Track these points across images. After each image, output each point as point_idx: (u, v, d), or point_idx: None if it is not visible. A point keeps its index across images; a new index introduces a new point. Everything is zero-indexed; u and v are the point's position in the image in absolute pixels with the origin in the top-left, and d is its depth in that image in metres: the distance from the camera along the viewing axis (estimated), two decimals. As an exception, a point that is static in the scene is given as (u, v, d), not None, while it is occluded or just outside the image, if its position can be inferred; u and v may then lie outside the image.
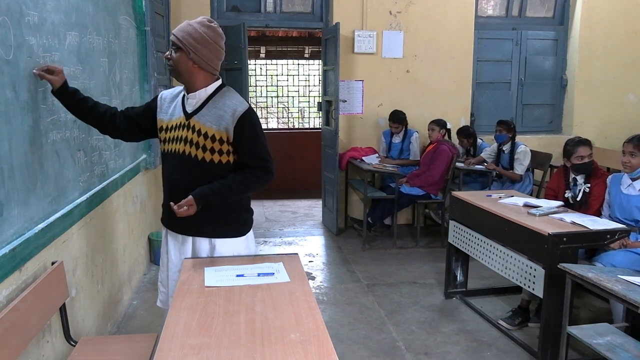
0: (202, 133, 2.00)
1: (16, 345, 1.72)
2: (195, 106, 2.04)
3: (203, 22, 1.99)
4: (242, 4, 5.35)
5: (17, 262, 1.82)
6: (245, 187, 2.04)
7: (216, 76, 2.08)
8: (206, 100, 2.03)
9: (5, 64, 1.77)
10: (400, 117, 5.08)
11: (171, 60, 2.00)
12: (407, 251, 4.73)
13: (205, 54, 1.97)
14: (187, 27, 1.97)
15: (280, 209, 6.45)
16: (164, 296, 2.25)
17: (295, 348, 1.39)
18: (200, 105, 2.03)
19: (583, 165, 3.22)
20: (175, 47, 1.97)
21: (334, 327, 3.20)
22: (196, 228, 2.10)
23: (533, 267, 2.75)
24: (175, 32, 1.97)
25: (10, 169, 1.80)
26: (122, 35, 3.31)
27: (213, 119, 2.00)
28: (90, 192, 2.62)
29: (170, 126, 2.08)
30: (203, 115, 2.01)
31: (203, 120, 2.00)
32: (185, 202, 1.95)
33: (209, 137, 2.00)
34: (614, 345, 2.20)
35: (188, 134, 2.01)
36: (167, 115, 2.10)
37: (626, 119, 5.76)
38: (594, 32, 5.65)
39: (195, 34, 1.95)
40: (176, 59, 1.98)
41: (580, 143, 3.24)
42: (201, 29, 1.96)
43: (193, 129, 2.01)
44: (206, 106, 2.02)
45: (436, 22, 5.33)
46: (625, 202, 2.99)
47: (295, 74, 9.70)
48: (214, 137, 2.00)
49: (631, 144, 2.96)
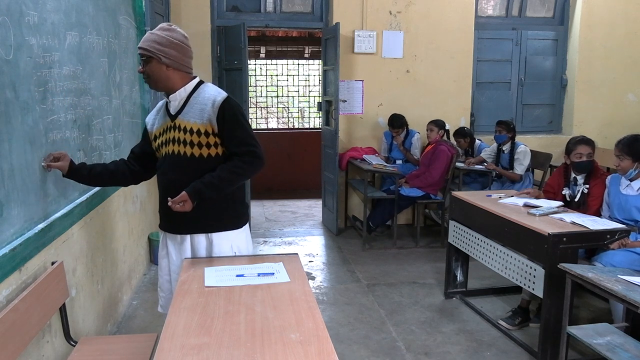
0: (188, 129, 2.04)
1: (16, 345, 1.72)
2: (177, 107, 2.09)
3: (163, 27, 2.05)
4: (242, 4, 5.35)
5: (17, 262, 1.82)
6: (236, 175, 2.05)
7: (191, 75, 2.12)
8: (187, 98, 2.08)
9: (5, 64, 1.77)
10: (400, 121, 5.07)
11: (145, 71, 2.04)
12: (407, 251, 4.73)
13: (175, 54, 2.02)
14: (150, 36, 2.03)
15: (280, 209, 6.45)
16: (164, 301, 2.25)
17: (295, 348, 1.39)
18: (182, 104, 2.08)
19: (582, 163, 3.22)
20: (146, 58, 2.02)
21: (334, 327, 3.20)
22: (192, 225, 2.12)
23: (533, 267, 2.75)
24: (141, 45, 2.02)
25: (10, 169, 1.80)
26: (122, 35, 3.30)
27: (195, 113, 2.05)
28: (90, 192, 2.62)
29: (159, 133, 2.14)
30: (186, 113, 2.07)
31: (187, 118, 2.06)
32: (179, 198, 1.96)
33: (194, 132, 2.04)
34: (614, 345, 2.20)
35: (175, 134, 2.07)
36: (154, 126, 2.18)
37: (626, 119, 5.76)
38: (594, 32, 5.65)
39: (159, 39, 2.00)
40: (149, 68, 2.03)
41: (582, 142, 3.24)
42: (163, 34, 2.01)
43: (179, 128, 2.06)
44: (188, 104, 2.08)
45: (436, 22, 5.33)
46: (624, 202, 2.98)
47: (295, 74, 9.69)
48: (199, 131, 2.04)
49: (617, 148, 2.98)
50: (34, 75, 2.00)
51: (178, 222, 2.10)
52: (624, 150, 2.94)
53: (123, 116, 3.29)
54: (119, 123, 3.21)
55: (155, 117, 2.19)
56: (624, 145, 2.95)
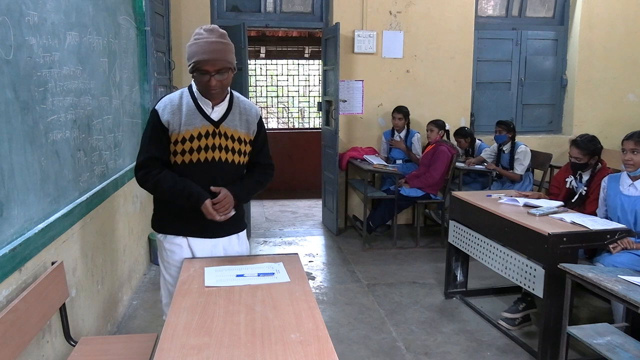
0: (236, 138, 2.08)
1: (16, 345, 1.72)
2: (221, 113, 2.06)
3: (215, 31, 1.94)
4: (242, 4, 5.34)
5: (17, 262, 1.82)
6: (261, 186, 2.20)
7: None
8: (229, 106, 2.08)
9: (5, 64, 1.77)
10: (404, 110, 5.09)
11: (221, 83, 1.95)
12: (407, 251, 4.73)
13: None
14: (223, 46, 1.92)
15: (280, 209, 6.45)
16: None
17: (295, 348, 1.39)
18: (225, 111, 2.07)
19: (576, 165, 3.23)
20: (225, 70, 1.94)
21: (334, 327, 3.20)
22: (231, 226, 2.17)
23: (533, 267, 2.75)
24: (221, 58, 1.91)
25: (10, 169, 1.80)
26: (122, 35, 3.30)
27: (242, 123, 2.09)
28: (90, 192, 2.62)
29: (193, 136, 2.01)
30: (231, 120, 2.07)
31: (233, 126, 2.07)
32: (229, 205, 2.02)
33: (242, 141, 2.10)
34: (614, 345, 2.20)
35: (221, 141, 2.05)
36: (184, 126, 2.00)
37: (626, 119, 5.75)
38: (594, 32, 5.65)
39: (231, 48, 1.96)
40: (227, 79, 1.98)
41: (573, 143, 3.23)
42: (226, 40, 1.95)
43: (225, 135, 2.06)
44: (231, 112, 2.08)
45: (436, 22, 5.33)
46: (627, 203, 2.88)
47: (295, 74, 9.69)
48: (245, 140, 2.10)
49: (632, 141, 2.85)
50: (34, 75, 2.00)
51: (215, 225, 2.06)
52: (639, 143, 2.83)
53: (123, 116, 3.29)
54: (119, 123, 3.21)
55: (180, 117, 2.01)
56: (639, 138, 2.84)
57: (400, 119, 5.07)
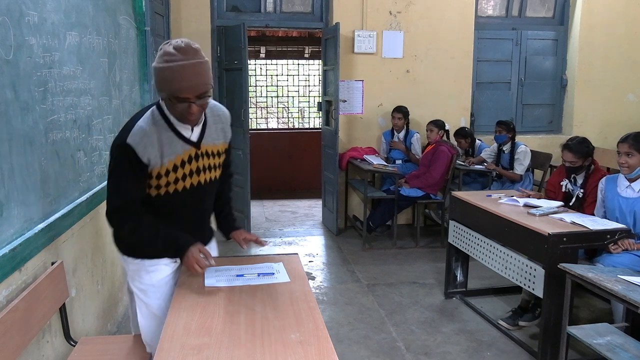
0: (216, 153, 1.91)
1: (16, 345, 1.72)
2: (198, 131, 1.84)
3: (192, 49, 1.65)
4: (242, 4, 5.34)
5: (17, 262, 1.82)
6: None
7: None
8: (204, 119, 1.87)
9: (5, 64, 1.77)
10: (403, 110, 5.10)
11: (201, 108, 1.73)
12: (407, 251, 4.73)
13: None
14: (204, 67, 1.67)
15: (280, 209, 6.44)
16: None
17: (295, 348, 1.39)
18: (202, 127, 1.86)
19: (570, 168, 3.23)
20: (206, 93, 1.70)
21: (334, 327, 3.20)
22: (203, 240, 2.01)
23: (533, 267, 2.75)
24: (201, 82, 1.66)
25: (10, 169, 1.80)
26: (122, 35, 3.30)
27: (218, 134, 1.91)
28: (90, 192, 2.62)
29: (179, 164, 1.81)
30: (209, 136, 1.88)
31: (211, 141, 1.88)
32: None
33: (221, 154, 1.95)
34: (614, 345, 2.20)
35: (204, 162, 1.87)
36: (166, 157, 1.77)
37: (626, 119, 5.76)
38: (594, 32, 5.65)
39: (207, 65, 1.69)
40: (207, 102, 1.76)
41: (565, 148, 3.20)
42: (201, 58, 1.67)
43: (207, 154, 1.87)
44: (207, 126, 1.87)
45: (436, 22, 5.33)
46: (625, 205, 2.87)
47: (295, 74, 9.68)
48: (221, 151, 1.94)
49: (626, 144, 2.84)
50: (34, 75, 2.00)
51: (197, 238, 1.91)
52: (634, 146, 2.82)
53: (123, 116, 3.29)
54: (119, 123, 3.20)
55: (160, 150, 1.75)
56: (635, 140, 2.82)
57: (400, 118, 5.08)
